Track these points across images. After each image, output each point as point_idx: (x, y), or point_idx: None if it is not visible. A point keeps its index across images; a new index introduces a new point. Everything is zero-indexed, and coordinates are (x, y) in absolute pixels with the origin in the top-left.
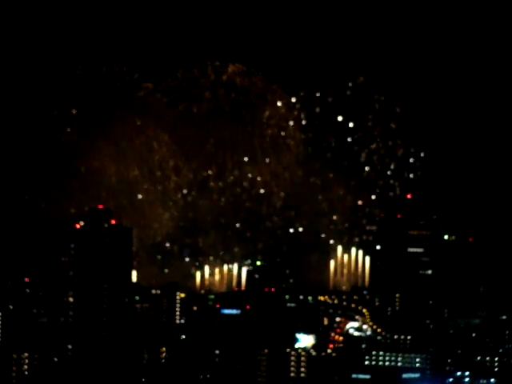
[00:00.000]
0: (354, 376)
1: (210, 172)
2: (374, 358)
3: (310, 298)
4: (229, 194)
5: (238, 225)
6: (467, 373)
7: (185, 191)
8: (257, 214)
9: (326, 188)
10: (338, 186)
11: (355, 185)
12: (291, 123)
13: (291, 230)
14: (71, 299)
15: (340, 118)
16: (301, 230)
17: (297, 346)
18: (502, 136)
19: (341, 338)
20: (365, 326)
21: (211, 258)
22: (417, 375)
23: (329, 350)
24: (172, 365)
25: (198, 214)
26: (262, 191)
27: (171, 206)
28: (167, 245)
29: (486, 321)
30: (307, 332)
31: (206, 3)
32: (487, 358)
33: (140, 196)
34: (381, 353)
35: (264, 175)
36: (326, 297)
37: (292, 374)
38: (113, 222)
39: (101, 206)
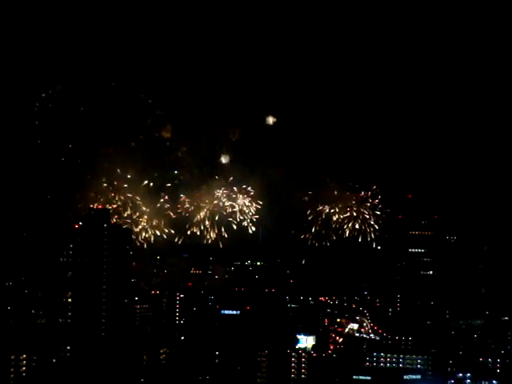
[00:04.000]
0: (354, 377)
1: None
2: (374, 359)
3: (310, 298)
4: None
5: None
6: (469, 374)
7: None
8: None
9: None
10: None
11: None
12: None
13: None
14: (70, 300)
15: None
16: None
17: (297, 346)
18: (502, 137)
19: (341, 339)
20: (365, 327)
21: (211, 257)
22: (418, 376)
23: (329, 351)
24: (172, 366)
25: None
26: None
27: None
28: (167, 245)
29: (488, 322)
30: (308, 333)
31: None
32: (489, 360)
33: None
34: (382, 354)
35: None
36: (327, 297)
37: (292, 375)
38: (112, 222)
39: (100, 207)
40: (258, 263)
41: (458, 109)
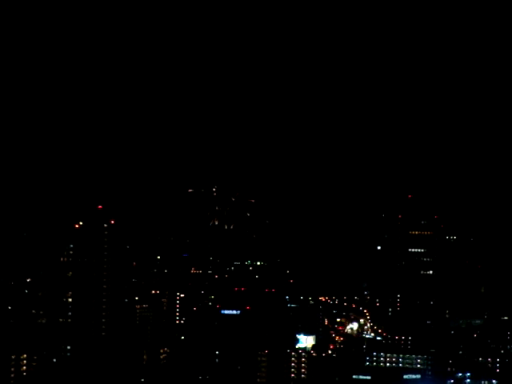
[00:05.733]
0: (354, 377)
1: None
2: (374, 358)
3: (310, 298)
4: None
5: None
6: (468, 374)
7: None
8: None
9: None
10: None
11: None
12: None
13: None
14: (70, 300)
15: None
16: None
17: (297, 346)
18: (502, 137)
19: (341, 339)
20: (365, 327)
21: (211, 258)
22: (418, 376)
23: (329, 351)
24: (172, 365)
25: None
26: None
27: None
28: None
29: (488, 322)
30: (308, 333)
31: None
32: (489, 359)
33: None
34: (381, 353)
35: None
36: (327, 297)
37: (292, 375)
38: (112, 221)
39: (100, 206)
40: (258, 263)
41: (458, 109)
